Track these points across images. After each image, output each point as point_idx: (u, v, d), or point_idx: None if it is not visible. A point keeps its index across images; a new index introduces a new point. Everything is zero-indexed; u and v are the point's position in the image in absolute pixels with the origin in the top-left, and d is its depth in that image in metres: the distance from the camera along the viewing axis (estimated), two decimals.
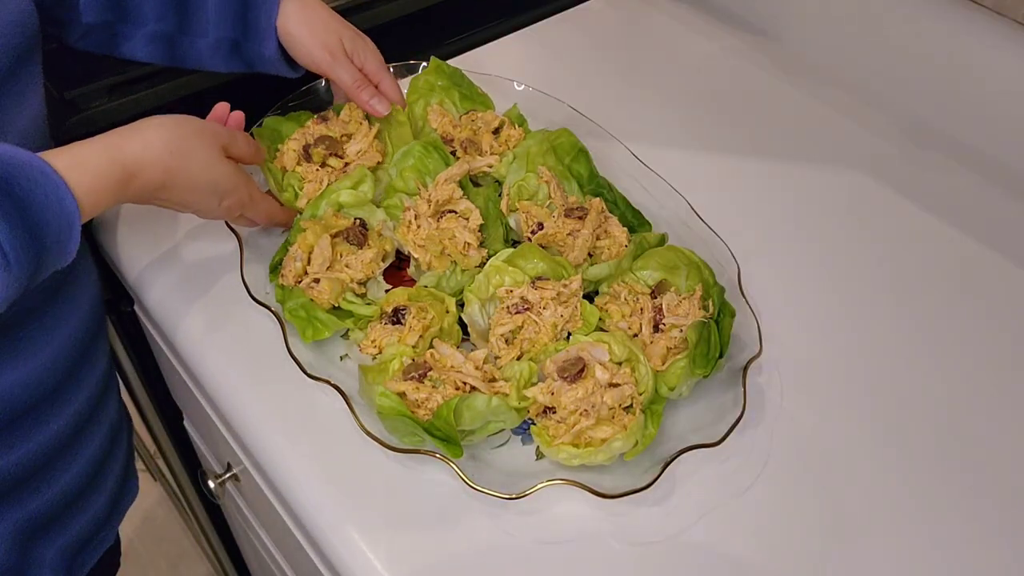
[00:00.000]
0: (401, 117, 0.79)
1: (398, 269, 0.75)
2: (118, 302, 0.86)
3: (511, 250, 0.71)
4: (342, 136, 0.78)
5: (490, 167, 0.79)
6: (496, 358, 0.66)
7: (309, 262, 0.69)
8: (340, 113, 0.80)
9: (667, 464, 0.60)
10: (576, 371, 0.62)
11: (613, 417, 0.62)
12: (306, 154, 0.76)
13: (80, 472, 0.71)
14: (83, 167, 0.54)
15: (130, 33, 0.72)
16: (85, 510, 0.73)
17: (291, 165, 0.77)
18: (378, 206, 0.76)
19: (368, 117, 0.79)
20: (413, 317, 0.66)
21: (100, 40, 0.72)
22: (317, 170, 0.76)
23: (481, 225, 0.73)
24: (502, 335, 0.67)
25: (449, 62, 0.86)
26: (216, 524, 1.24)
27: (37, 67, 0.60)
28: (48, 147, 0.63)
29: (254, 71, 0.76)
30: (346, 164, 0.77)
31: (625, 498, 0.59)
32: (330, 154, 0.76)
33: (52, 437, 0.66)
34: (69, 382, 0.67)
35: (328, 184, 0.75)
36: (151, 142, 0.59)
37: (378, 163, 0.78)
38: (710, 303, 0.68)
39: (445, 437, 0.60)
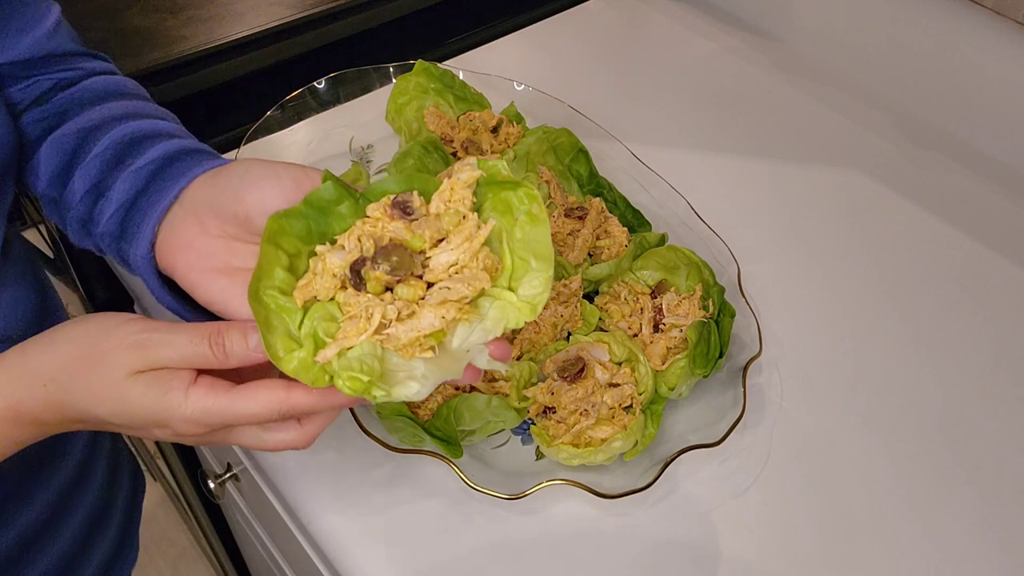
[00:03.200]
0: (537, 210, 0.44)
1: None
2: (118, 302, 0.86)
3: None
4: (432, 244, 0.44)
5: None
6: None
7: None
8: (432, 200, 0.45)
9: (667, 464, 0.60)
10: (576, 371, 0.62)
11: (613, 417, 0.62)
12: (355, 277, 0.43)
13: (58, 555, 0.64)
14: None
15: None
16: None
17: (326, 294, 0.44)
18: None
19: (479, 206, 0.46)
20: None
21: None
22: (369, 301, 0.43)
23: None
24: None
25: (449, 62, 0.87)
26: (216, 524, 1.24)
27: (11, 186, 0.56)
28: None
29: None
30: (429, 285, 0.44)
31: (625, 498, 0.59)
32: (398, 280, 0.43)
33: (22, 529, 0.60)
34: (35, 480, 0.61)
35: (382, 317, 0.42)
36: (28, 366, 0.44)
37: (483, 291, 0.44)
38: (710, 303, 0.68)
39: (445, 437, 0.60)
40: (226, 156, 0.78)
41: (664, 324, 0.67)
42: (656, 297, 0.69)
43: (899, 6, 0.94)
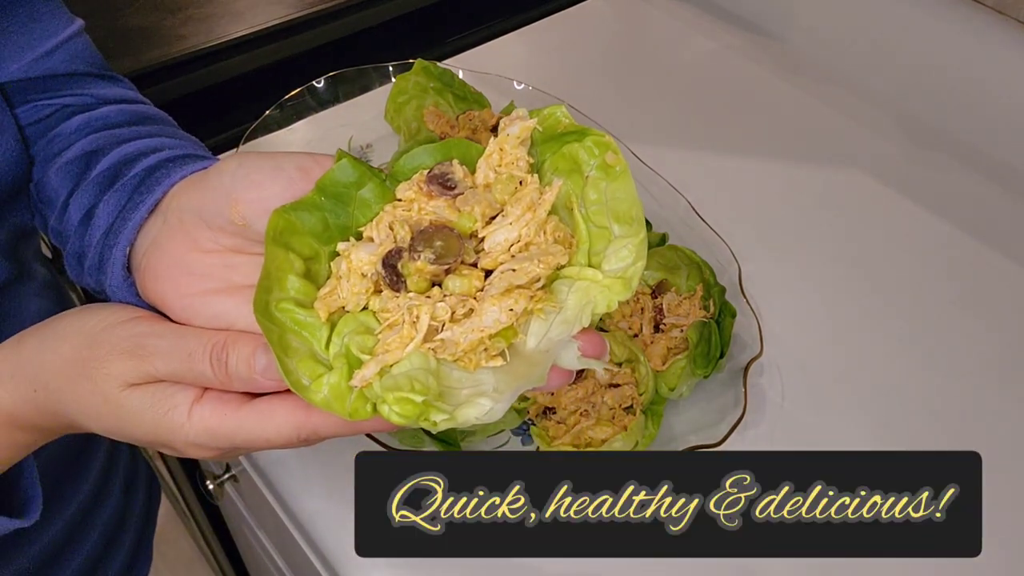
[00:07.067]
0: (612, 159, 0.35)
1: None
2: None
3: None
4: (485, 221, 0.35)
5: None
6: None
7: None
8: (477, 168, 0.37)
9: None
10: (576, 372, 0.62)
11: (613, 417, 0.61)
12: (391, 274, 0.34)
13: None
14: None
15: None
16: None
17: (356, 302, 0.35)
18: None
19: (537, 167, 0.37)
20: None
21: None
22: (412, 300, 0.34)
23: None
24: None
25: (449, 61, 0.86)
26: (215, 526, 1.24)
27: (25, 208, 0.54)
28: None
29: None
30: (487, 274, 0.35)
31: None
32: (447, 269, 0.34)
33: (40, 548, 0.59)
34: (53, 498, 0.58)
35: (431, 319, 0.33)
36: (22, 368, 0.39)
37: (558, 270, 0.35)
38: (711, 303, 0.68)
39: (444, 438, 0.60)
40: (224, 156, 0.78)
41: (665, 324, 0.67)
42: (656, 297, 0.69)
43: (900, 5, 0.94)
